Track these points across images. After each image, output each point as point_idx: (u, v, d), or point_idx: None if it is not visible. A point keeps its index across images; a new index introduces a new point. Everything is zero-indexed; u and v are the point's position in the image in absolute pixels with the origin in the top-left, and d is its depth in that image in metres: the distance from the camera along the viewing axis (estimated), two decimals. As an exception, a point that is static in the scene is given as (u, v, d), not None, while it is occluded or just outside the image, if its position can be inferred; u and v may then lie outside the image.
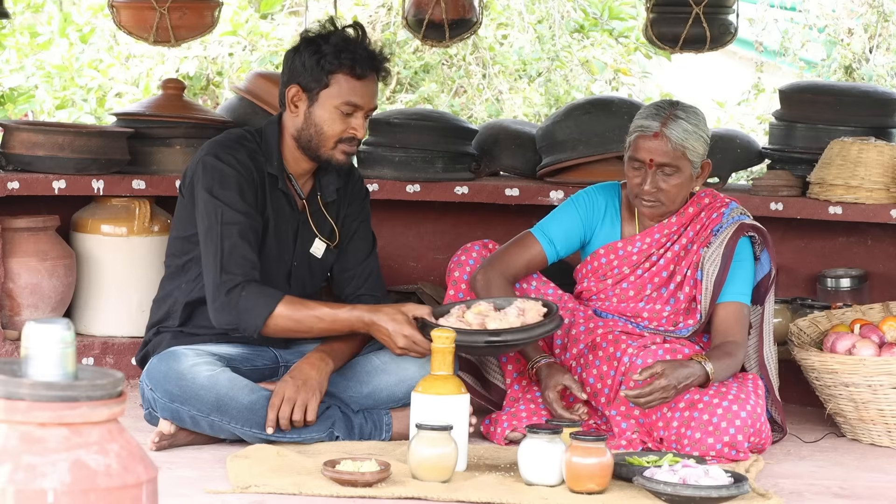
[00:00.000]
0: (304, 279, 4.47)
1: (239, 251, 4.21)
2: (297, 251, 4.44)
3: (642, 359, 4.44)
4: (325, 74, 4.28)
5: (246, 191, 4.28)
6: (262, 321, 4.17)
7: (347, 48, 4.29)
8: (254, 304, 4.18)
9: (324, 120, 4.30)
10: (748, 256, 4.57)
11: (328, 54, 4.27)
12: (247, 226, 4.25)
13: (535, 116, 10.19)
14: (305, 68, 4.30)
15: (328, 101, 4.29)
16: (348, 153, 4.33)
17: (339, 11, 9.22)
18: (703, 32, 5.88)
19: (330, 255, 4.50)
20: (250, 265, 4.22)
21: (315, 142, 4.32)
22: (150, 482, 2.25)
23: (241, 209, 4.25)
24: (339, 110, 4.29)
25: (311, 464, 3.94)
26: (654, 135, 4.44)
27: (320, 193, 4.45)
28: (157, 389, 4.20)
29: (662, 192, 4.47)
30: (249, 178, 4.30)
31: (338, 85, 4.28)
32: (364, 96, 4.30)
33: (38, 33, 10.31)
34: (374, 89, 4.34)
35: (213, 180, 4.27)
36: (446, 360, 4.01)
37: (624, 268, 4.61)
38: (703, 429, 4.24)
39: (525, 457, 3.89)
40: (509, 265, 4.59)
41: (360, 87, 4.29)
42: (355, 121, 4.30)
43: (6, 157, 5.33)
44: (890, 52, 10.28)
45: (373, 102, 4.34)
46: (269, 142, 4.38)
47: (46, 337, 2.23)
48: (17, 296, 5.20)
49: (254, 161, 4.33)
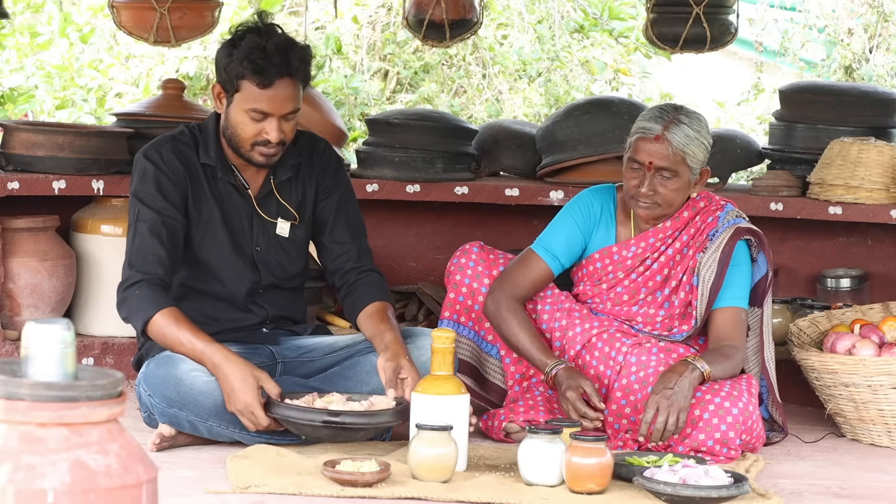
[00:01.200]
0: (279, 261, 4.46)
1: (147, 248, 4.23)
2: (257, 236, 4.43)
3: (636, 357, 4.44)
4: (234, 79, 4.24)
5: (166, 187, 4.29)
6: (142, 325, 4.19)
7: (251, 56, 4.20)
8: (139, 306, 4.19)
9: (237, 123, 4.28)
10: (745, 260, 4.56)
11: (235, 60, 4.22)
12: (159, 222, 4.26)
13: (535, 116, 10.18)
14: (222, 68, 4.29)
15: (238, 105, 4.26)
16: (266, 154, 4.28)
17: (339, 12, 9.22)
18: (703, 32, 5.88)
19: (299, 230, 4.48)
20: (155, 262, 4.22)
21: (234, 141, 4.32)
22: (150, 482, 2.25)
23: (156, 206, 4.27)
24: (248, 115, 4.24)
25: (311, 464, 3.93)
26: (656, 138, 4.43)
27: (273, 175, 4.43)
28: (155, 395, 4.19)
29: (659, 195, 4.47)
30: (174, 175, 4.31)
31: (246, 91, 4.23)
32: (272, 103, 4.22)
33: (38, 33, 10.30)
34: (286, 94, 4.23)
35: (136, 178, 4.33)
36: (446, 360, 4.01)
37: (619, 272, 4.61)
38: (694, 425, 4.25)
39: (525, 457, 3.89)
40: (516, 287, 4.57)
41: (265, 95, 4.21)
42: (268, 125, 4.24)
43: (6, 157, 5.32)
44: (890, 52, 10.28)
45: (285, 108, 4.24)
46: (207, 134, 4.39)
47: (46, 337, 2.23)
48: (17, 296, 5.19)
49: (182, 156, 4.34)
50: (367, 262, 4.52)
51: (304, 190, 4.50)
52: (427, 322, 5.51)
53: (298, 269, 4.53)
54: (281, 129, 4.25)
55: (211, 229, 4.38)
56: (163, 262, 4.23)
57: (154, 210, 4.27)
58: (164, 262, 4.24)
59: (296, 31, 10.28)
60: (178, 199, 4.31)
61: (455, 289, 4.67)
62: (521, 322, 4.52)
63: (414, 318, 5.57)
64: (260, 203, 4.43)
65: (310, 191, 4.51)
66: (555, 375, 4.40)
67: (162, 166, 4.31)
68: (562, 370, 4.40)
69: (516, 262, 4.62)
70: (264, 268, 4.44)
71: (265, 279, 4.44)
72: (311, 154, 4.52)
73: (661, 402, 4.20)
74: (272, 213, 4.45)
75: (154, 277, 4.21)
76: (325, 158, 4.54)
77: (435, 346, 4.01)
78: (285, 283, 4.50)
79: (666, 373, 4.27)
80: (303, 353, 4.49)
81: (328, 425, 3.98)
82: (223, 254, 4.39)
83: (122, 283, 4.25)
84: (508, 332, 4.52)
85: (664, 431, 4.18)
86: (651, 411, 4.20)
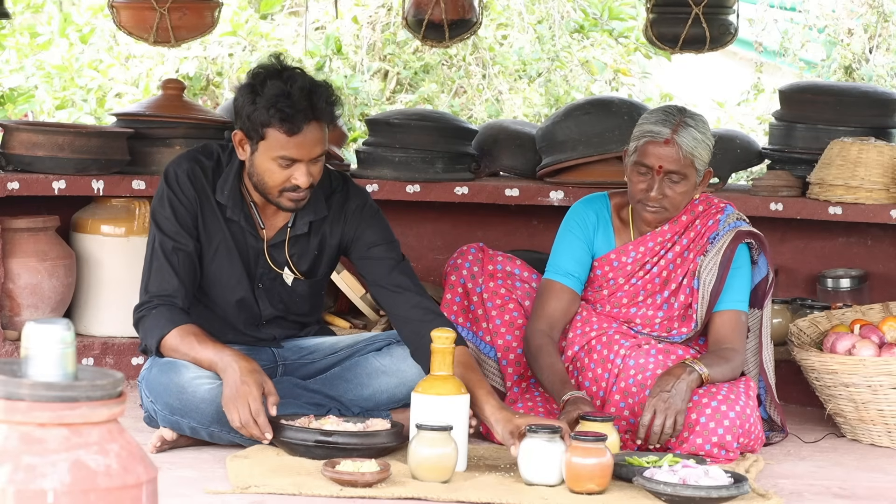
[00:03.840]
0: (283, 300, 4.43)
1: (161, 273, 4.24)
2: (261, 275, 4.39)
3: (634, 360, 4.44)
4: (260, 127, 4.14)
5: (179, 212, 4.28)
6: (156, 344, 4.19)
7: (277, 103, 4.09)
8: (154, 325, 4.20)
9: (264, 170, 4.19)
10: (745, 263, 4.56)
11: (260, 107, 4.12)
12: (171, 248, 4.26)
13: (535, 117, 10.18)
14: (244, 117, 4.18)
15: (265, 153, 4.17)
16: (295, 199, 4.20)
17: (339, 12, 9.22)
18: (702, 33, 5.88)
19: (302, 285, 4.42)
20: (170, 288, 4.23)
21: (260, 188, 4.25)
22: (150, 482, 2.25)
23: (170, 232, 4.27)
24: (276, 162, 4.16)
25: (311, 464, 3.94)
26: (665, 141, 4.41)
27: (291, 226, 4.36)
28: (157, 401, 4.19)
29: (668, 198, 4.45)
30: (186, 199, 4.28)
31: (273, 138, 4.13)
32: (301, 149, 4.14)
33: (38, 33, 10.30)
34: (314, 138, 4.14)
35: (157, 198, 4.32)
36: (446, 360, 4.01)
37: (619, 278, 4.60)
38: (692, 429, 4.24)
39: (524, 457, 3.89)
40: (550, 321, 4.53)
41: (293, 142, 4.12)
42: (296, 171, 4.16)
43: (6, 157, 5.32)
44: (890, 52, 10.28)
45: (314, 152, 4.15)
46: (231, 168, 4.32)
47: (46, 337, 2.23)
48: (17, 296, 5.19)
49: (198, 181, 4.30)
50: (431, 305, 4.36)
51: (322, 245, 4.41)
52: (427, 322, 5.50)
53: (304, 312, 4.51)
54: (310, 172, 4.17)
55: (219, 257, 4.35)
56: (177, 288, 4.24)
57: (167, 235, 4.27)
58: (179, 288, 4.24)
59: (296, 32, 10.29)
60: (189, 223, 4.29)
61: (452, 289, 4.66)
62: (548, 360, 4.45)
63: (414, 319, 5.56)
64: (270, 247, 4.38)
65: (328, 244, 4.41)
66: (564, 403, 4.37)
67: (176, 189, 4.28)
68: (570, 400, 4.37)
69: (538, 298, 4.57)
70: (265, 304, 4.43)
71: (266, 313, 4.42)
72: (341, 211, 4.40)
73: (658, 405, 4.20)
74: (280, 260, 4.39)
75: (169, 300, 4.22)
76: (358, 215, 4.41)
77: (435, 346, 4.01)
78: (290, 315, 4.49)
79: (663, 375, 4.27)
80: (304, 355, 4.48)
81: (321, 445, 3.99)
82: (230, 283, 4.36)
83: (139, 305, 4.27)
84: (535, 369, 4.49)
85: (661, 434, 4.18)
86: (648, 414, 4.19)
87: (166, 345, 4.18)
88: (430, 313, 4.28)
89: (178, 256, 4.26)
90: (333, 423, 4.09)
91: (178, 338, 4.16)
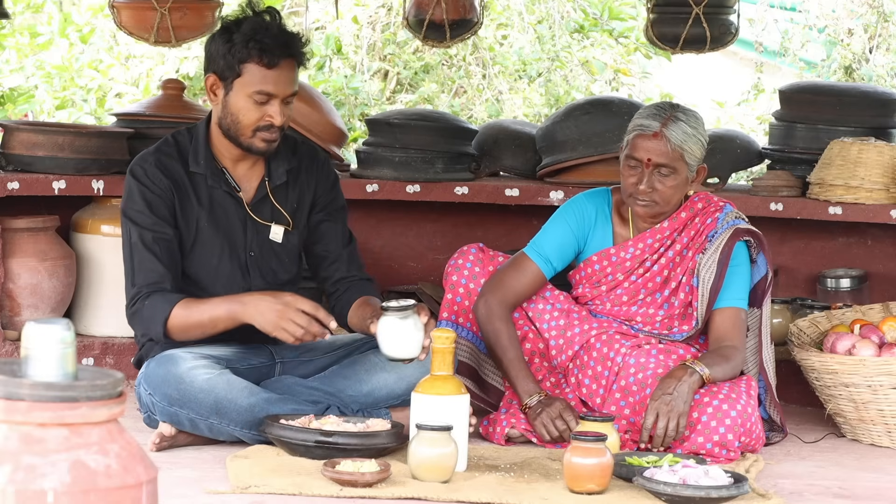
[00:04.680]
0: (272, 267, 4.45)
1: (145, 263, 4.26)
2: (251, 241, 4.42)
3: (635, 359, 4.44)
4: (237, 63, 4.24)
5: (153, 203, 4.30)
6: (162, 326, 4.21)
7: (256, 36, 4.22)
8: (153, 311, 4.22)
9: (239, 109, 4.27)
10: (744, 261, 4.56)
11: (237, 43, 4.23)
12: (151, 238, 4.28)
13: (535, 117, 10.18)
14: (219, 56, 4.28)
15: (241, 89, 4.26)
16: (268, 140, 4.30)
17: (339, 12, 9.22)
18: (703, 33, 5.88)
19: (292, 236, 4.48)
20: (157, 276, 4.25)
21: (233, 130, 4.31)
22: (150, 482, 2.25)
23: (147, 224, 4.28)
24: (252, 99, 4.25)
25: (311, 464, 3.94)
26: (654, 135, 4.44)
27: (268, 178, 4.43)
28: (155, 393, 4.19)
29: (657, 192, 4.47)
30: (160, 189, 4.31)
31: (249, 74, 4.24)
32: (277, 84, 4.25)
33: (38, 33, 10.30)
34: (289, 76, 4.27)
35: (125, 198, 4.35)
36: (446, 360, 4.01)
37: (618, 274, 4.61)
38: (693, 428, 4.25)
39: (381, 334, 4.08)
40: (508, 291, 4.56)
41: (271, 75, 4.24)
42: (271, 108, 4.26)
43: (6, 157, 5.32)
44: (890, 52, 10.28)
45: (288, 89, 4.27)
46: (197, 140, 4.39)
47: (46, 337, 2.23)
48: (17, 296, 5.20)
49: (166, 169, 4.33)
50: (357, 270, 4.52)
51: (300, 197, 4.49)
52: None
53: (290, 276, 4.51)
54: (282, 111, 4.27)
55: (200, 238, 4.37)
56: (164, 276, 4.26)
57: (145, 228, 4.28)
58: (166, 276, 4.26)
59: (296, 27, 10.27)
60: (166, 213, 4.32)
61: (453, 290, 4.67)
62: (511, 338, 4.51)
63: (414, 319, 5.57)
64: (253, 208, 4.42)
65: (306, 199, 4.50)
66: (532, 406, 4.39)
67: (147, 182, 4.31)
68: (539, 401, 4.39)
69: (509, 266, 4.61)
70: (256, 273, 4.43)
71: (255, 285, 4.42)
72: (312, 163, 4.52)
73: (660, 407, 4.20)
74: (266, 217, 4.44)
75: (158, 287, 4.24)
76: (325, 171, 4.54)
77: (435, 346, 4.01)
78: (276, 289, 4.50)
79: (665, 378, 4.27)
80: (302, 353, 4.48)
81: (321, 445, 3.99)
82: (212, 263, 4.38)
83: (130, 300, 4.28)
84: (496, 343, 4.51)
85: (664, 437, 4.18)
86: (651, 417, 4.20)
87: (174, 323, 4.20)
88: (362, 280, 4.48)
89: (159, 246, 4.28)
90: (333, 424, 4.09)
91: (183, 311, 4.19)
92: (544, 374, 4.61)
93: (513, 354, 4.48)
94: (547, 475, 4.00)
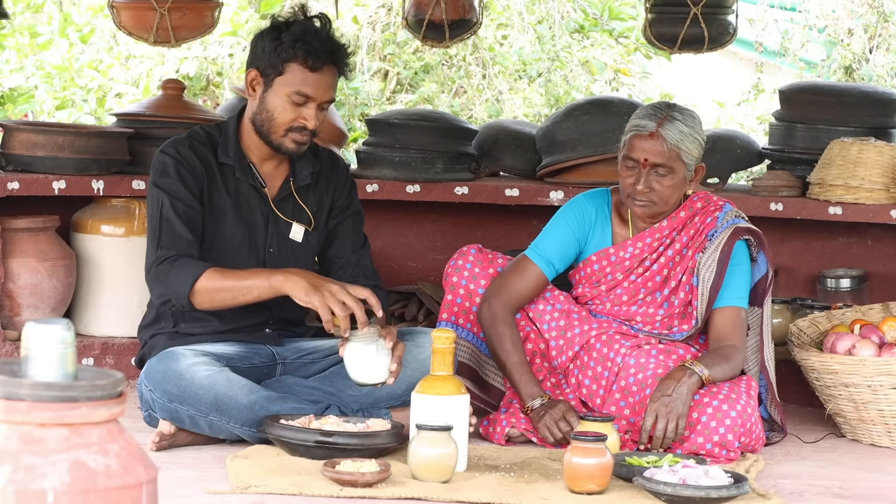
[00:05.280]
0: (288, 266, 4.45)
1: (175, 229, 4.27)
2: (271, 238, 4.45)
3: (635, 359, 4.44)
4: (281, 62, 4.29)
5: (186, 179, 4.33)
6: (189, 287, 4.18)
7: (305, 38, 4.28)
8: (181, 273, 4.21)
9: (275, 106, 4.32)
10: (744, 260, 4.56)
11: (285, 42, 4.28)
12: (182, 209, 4.30)
13: (535, 117, 10.18)
14: (265, 53, 4.32)
15: (281, 88, 4.30)
16: (299, 142, 4.34)
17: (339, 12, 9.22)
18: (701, 33, 5.88)
19: (311, 237, 4.50)
20: (186, 243, 4.26)
21: (266, 127, 4.35)
22: (150, 482, 2.25)
23: (179, 195, 4.31)
24: (290, 99, 4.29)
25: (311, 464, 3.94)
26: (650, 135, 4.44)
27: (293, 178, 4.47)
28: (155, 390, 4.20)
29: (655, 192, 4.47)
30: (192, 168, 4.34)
31: (291, 73, 4.29)
32: (317, 88, 4.30)
33: (38, 33, 10.30)
34: (329, 82, 4.33)
35: (156, 173, 4.36)
36: (446, 360, 4.01)
37: (617, 274, 4.61)
38: (692, 428, 4.25)
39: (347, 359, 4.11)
40: (511, 294, 4.56)
41: (313, 78, 4.29)
42: (307, 111, 4.31)
43: (6, 157, 5.32)
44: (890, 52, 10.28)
45: (327, 95, 4.32)
46: (227, 132, 4.43)
47: (46, 337, 2.23)
48: (17, 296, 5.20)
49: (199, 153, 4.37)
50: (363, 277, 4.50)
51: (321, 200, 4.53)
52: (427, 322, 5.51)
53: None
54: (317, 116, 4.32)
55: (223, 229, 4.40)
56: (192, 244, 4.28)
57: (178, 199, 4.31)
58: (193, 244, 4.29)
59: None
60: (196, 191, 4.35)
61: (453, 291, 4.67)
62: (514, 342, 4.51)
63: (414, 319, 5.57)
64: (277, 205, 4.45)
65: (325, 203, 4.54)
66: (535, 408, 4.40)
67: (180, 159, 4.34)
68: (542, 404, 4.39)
69: (511, 269, 4.61)
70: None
71: None
72: (332, 169, 4.57)
73: (659, 409, 4.20)
74: (288, 215, 4.47)
75: (188, 252, 4.26)
76: (344, 178, 4.59)
77: (435, 346, 4.02)
78: None
79: (664, 379, 4.27)
80: (304, 355, 4.49)
81: (321, 445, 3.99)
82: (232, 252, 4.40)
83: (154, 261, 4.26)
84: (500, 347, 4.50)
85: (664, 439, 4.18)
86: (650, 419, 4.20)
87: (202, 285, 4.18)
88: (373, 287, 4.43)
89: (188, 216, 4.31)
90: (333, 424, 4.09)
91: (216, 273, 4.19)
92: (545, 374, 4.61)
93: (516, 358, 4.48)
94: (547, 475, 4.00)
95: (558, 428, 4.31)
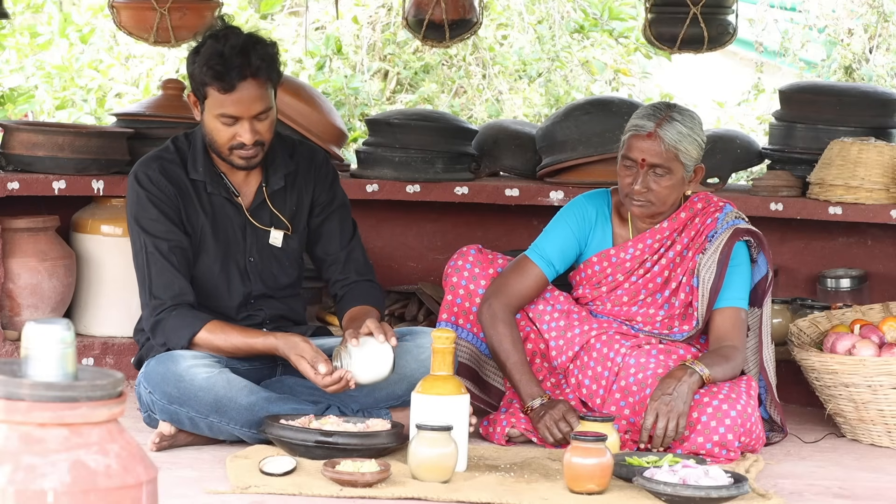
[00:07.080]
0: (272, 272, 4.46)
1: (165, 276, 4.27)
2: (251, 246, 4.43)
3: (635, 359, 4.44)
4: (201, 87, 4.25)
5: (164, 210, 4.30)
6: (187, 340, 4.24)
7: (210, 63, 4.20)
8: (179, 325, 4.24)
9: (211, 129, 4.29)
10: (744, 261, 4.56)
11: (198, 67, 4.23)
12: (167, 248, 4.28)
13: (535, 117, 10.18)
14: (189, 78, 4.30)
15: (209, 111, 4.27)
16: (245, 157, 4.28)
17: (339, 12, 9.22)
18: (701, 32, 5.88)
19: (292, 241, 4.48)
20: (178, 289, 4.27)
21: (213, 147, 4.33)
22: (150, 482, 2.25)
23: (161, 233, 4.29)
24: (220, 120, 4.24)
25: (311, 464, 3.94)
26: (648, 135, 4.44)
27: (265, 184, 4.43)
28: (155, 391, 4.20)
29: (653, 192, 4.47)
30: (166, 196, 4.31)
31: (212, 97, 4.25)
32: (238, 106, 4.22)
33: (38, 33, 10.30)
34: (252, 95, 4.22)
35: (134, 206, 4.33)
36: (446, 360, 4.01)
37: (618, 275, 4.61)
38: (692, 428, 4.25)
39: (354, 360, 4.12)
40: (512, 295, 4.56)
41: (230, 99, 4.21)
42: (240, 128, 4.24)
43: (6, 157, 5.32)
44: (890, 52, 10.28)
45: (253, 109, 4.23)
46: (195, 147, 4.39)
47: (46, 337, 2.23)
48: (17, 296, 5.19)
49: (170, 175, 4.34)
50: (355, 273, 4.51)
51: (299, 200, 4.49)
52: (427, 322, 5.50)
53: (291, 280, 4.52)
54: (254, 129, 4.25)
55: (203, 244, 4.38)
56: (186, 289, 4.28)
57: (159, 237, 4.29)
58: (187, 287, 4.29)
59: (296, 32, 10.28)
60: (176, 218, 4.33)
61: (452, 291, 4.66)
62: (515, 342, 4.51)
63: (414, 319, 5.57)
64: (252, 213, 4.43)
65: (305, 201, 4.50)
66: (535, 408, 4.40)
67: (153, 189, 4.31)
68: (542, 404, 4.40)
69: (512, 269, 4.61)
70: (256, 278, 4.44)
71: (256, 290, 4.43)
72: (310, 165, 4.52)
73: (660, 408, 4.20)
74: (265, 222, 4.45)
75: (183, 299, 4.26)
76: (324, 171, 4.54)
77: (435, 346, 4.02)
78: (278, 292, 4.50)
79: (665, 379, 4.27)
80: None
81: (321, 445, 3.99)
82: (214, 269, 4.39)
83: (152, 310, 4.28)
84: (500, 348, 4.50)
85: (664, 438, 4.18)
86: (650, 418, 4.20)
87: (202, 339, 4.22)
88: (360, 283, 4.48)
89: (175, 255, 4.29)
90: (333, 424, 4.09)
91: (217, 329, 4.22)
92: (545, 374, 4.62)
93: (516, 359, 4.48)
94: (547, 475, 4.00)
95: (558, 428, 4.31)
